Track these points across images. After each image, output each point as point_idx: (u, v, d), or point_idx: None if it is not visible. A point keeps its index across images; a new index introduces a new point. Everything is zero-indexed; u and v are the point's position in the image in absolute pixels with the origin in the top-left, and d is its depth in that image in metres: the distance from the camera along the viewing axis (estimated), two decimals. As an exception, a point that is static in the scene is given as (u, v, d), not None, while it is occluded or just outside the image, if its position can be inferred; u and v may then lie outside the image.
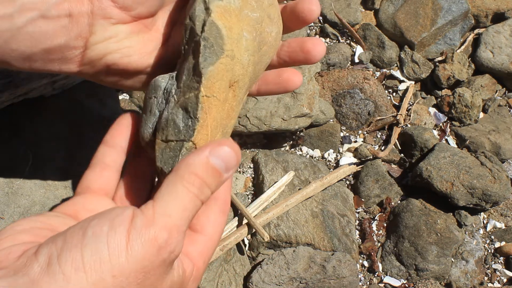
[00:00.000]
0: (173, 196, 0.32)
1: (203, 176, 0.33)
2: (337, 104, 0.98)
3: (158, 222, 0.30)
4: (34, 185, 0.66)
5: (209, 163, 0.34)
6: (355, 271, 0.80)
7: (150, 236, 0.30)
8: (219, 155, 0.34)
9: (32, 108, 0.68)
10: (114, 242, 0.29)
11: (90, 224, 0.30)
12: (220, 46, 0.36)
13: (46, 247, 0.29)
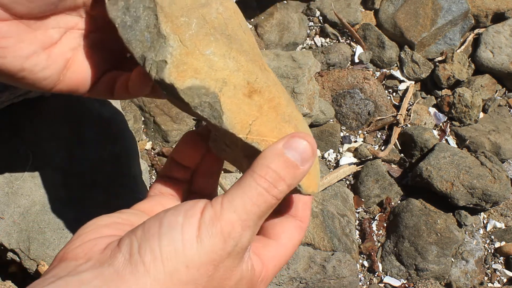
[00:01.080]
0: (241, 191, 0.32)
1: (277, 169, 0.32)
2: (337, 104, 0.98)
3: (224, 216, 0.31)
4: (34, 185, 0.66)
5: (283, 155, 0.33)
6: (355, 271, 0.80)
7: (216, 229, 0.30)
8: (293, 146, 0.33)
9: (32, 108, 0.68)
10: (187, 233, 0.30)
11: (166, 215, 0.31)
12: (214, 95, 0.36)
13: (128, 238, 0.31)
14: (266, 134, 0.36)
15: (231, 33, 0.39)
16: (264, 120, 0.36)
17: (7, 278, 0.71)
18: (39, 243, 0.64)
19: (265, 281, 0.36)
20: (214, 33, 0.38)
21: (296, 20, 1.05)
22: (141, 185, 0.71)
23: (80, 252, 0.31)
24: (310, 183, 0.37)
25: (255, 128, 0.36)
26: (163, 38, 0.38)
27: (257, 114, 0.36)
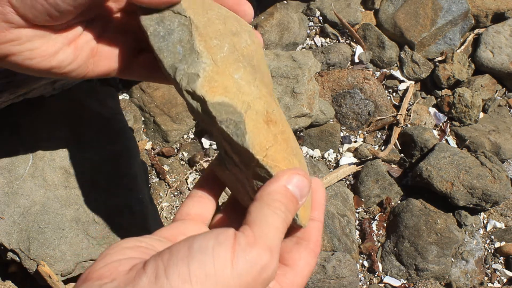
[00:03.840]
0: (265, 220, 0.34)
1: (285, 201, 0.35)
2: (337, 104, 0.98)
3: (260, 242, 0.32)
4: (34, 185, 0.66)
5: (288, 190, 0.36)
6: (355, 271, 0.80)
7: (254, 254, 0.31)
8: (294, 183, 0.36)
9: (32, 108, 0.68)
10: (219, 256, 0.30)
11: (195, 239, 0.31)
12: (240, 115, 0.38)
13: (154, 261, 0.31)
14: (279, 161, 0.38)
15: (255, 64, 0.42)
16: (278, 149, 0.39)
17: (7, 278, 0.71)
18: (39, 243, 0.64)
19: None
20: (242, 60, 0.41)
21: (296, 20, 1.05)
22: (141, 185, 0.71)
23: (105, 272, 0.31)
24: (305, 215, 0.39)
25: (271, 153, 0.38)
26: (196, 54, 0.40)
27: (272, 141, 0.39)
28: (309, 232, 0.40)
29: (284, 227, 0.34)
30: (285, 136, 0.40)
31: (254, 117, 0.39)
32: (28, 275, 0.68)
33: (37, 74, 0.44)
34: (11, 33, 0.39)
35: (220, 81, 0.39)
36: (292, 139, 0.41)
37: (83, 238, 0.66)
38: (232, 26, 0.43)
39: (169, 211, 0.86)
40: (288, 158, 0.39)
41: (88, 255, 0.66)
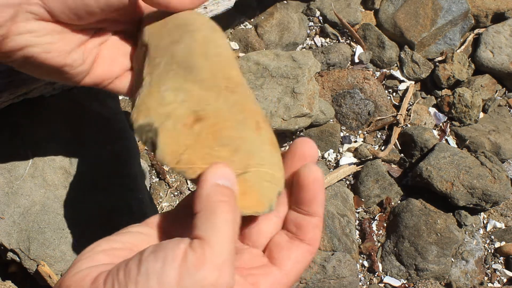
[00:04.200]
0: (215, 231, 0.32)
1: (226, 199, 0.34)
2: (337, 104, 0.98)
3: (208, 261, 0.31)
4: (34, 185, 0.66)
5: (220, 185, 0.34)
6: (355, 271, 0.80)
7: (201, 276, 0.30)
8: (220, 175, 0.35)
9: (32, 108, 0.68)
10: (165, 280, 0.30)
11: (146, 260, 0.31)
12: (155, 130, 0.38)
13: (111, 278, 0.31)
14: (195, 161, 0.37)
15: (190, 64, 0.40)
16: (197, 148, 0.37)
17: (7, 278, 0.71)
18: (39, 243, 0.64)
19: None
20: (175, 68, 0.40)
21: (296, 20, 1.05)
22: (141, 185, 0.71)
23: (73, 283, 0.31)
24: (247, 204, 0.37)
25: (185, 157, 0.37)
26: (142, 80, 0.41)
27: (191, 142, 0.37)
28: (305, 228, 0.38)
29: (235, 230, 0.33)
30: (216, 128, 0.38)
31: (171, 126, 0.38)
32: (28, 275, 0.68)
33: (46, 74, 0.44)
34: (32, 24, 0.39)
35: (146, 102, 0.39)
36: (230, 127, 0.38)
37: (83, 238, 0.66)
38: (176, 34, 0.42)
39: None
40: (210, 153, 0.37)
41: (88, 255, 0.66)
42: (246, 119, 0.39)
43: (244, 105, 0.40)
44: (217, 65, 0.42)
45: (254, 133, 0.39)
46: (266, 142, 0.39)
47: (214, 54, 0.42)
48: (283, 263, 0.37)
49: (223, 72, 0.41)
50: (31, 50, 0.40)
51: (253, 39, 1.02)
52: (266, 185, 0.38)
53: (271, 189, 0.38)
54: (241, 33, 1.03)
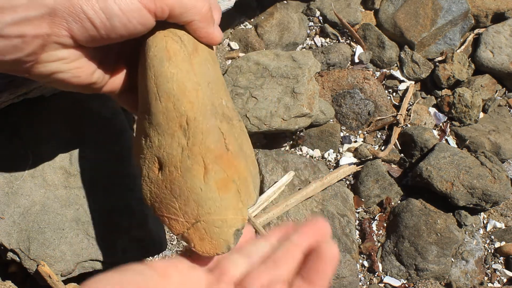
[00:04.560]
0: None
1: None
2: (337, 104, 0.98)
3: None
4: (34, 185, 0.66)
5: None
6: (355, 271, 0.80)
7: None
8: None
9: (32, 108, 0.68)
10: None
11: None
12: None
13: None
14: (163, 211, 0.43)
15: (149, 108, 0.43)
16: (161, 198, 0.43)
17: (7, 278, 0.71)
18: (39, 243, 0.64)
19: None
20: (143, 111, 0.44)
21: (296, 20, 1.05)
22: (141, 185, 0.71)
23: None
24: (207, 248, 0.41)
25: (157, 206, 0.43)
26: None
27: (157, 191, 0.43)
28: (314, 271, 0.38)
29: None
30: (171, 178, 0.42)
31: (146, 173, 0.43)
32: (28, 275, 0.68)
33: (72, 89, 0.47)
34: (61, 52, 0.42)
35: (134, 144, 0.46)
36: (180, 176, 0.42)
37: (83, 238, 0.66)
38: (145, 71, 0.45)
39: (169, 211, 0.86)
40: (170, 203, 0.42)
41: (88, 255, 0.66)
42: (193, 165, 0.41)
43: (194, 145, 0.42)
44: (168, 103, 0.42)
45: (200, 181, 0.42)
46: (212, 188, 0.42)
47: (163, 92, 0.42)
48: None
49: (175, 110, 0.42)
50: (61, 75, 0.43)
51: (253, 39, 1.02)
52: (216, 230, 0.41)
53: (223, 233, 0.41)
54: (241, 33, 1.03)
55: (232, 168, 0.42)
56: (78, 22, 0.40)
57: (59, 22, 0.40)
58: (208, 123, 0.42)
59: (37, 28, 0.39)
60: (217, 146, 0.42)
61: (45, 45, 0.40)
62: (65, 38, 0.41)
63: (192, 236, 0.41)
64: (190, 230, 0.41)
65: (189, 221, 0.41)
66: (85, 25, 0.40)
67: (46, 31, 0.39)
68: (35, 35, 0.39)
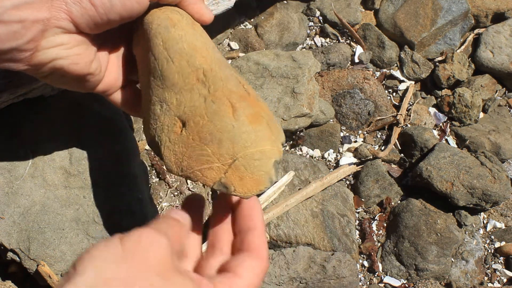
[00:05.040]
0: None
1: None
2: (337, 104, 0.98)
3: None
4: (34, 185, 0.66)
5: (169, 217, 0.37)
6: (355, 271, 0.80)
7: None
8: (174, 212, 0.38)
9: (32, 108, 0.68)
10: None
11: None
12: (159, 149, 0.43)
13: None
14: (193, 165, 0.40)
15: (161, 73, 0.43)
16: (190, 153, 0.40)
17: (7, 278, 0.71)
18: (39, 243, 0.64)
19: None
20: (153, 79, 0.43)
21: (296, 20, 1.05)
22: (141, 185, 0.71)
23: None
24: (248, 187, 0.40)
25: (185, 164, 0.41)
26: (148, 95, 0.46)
27: (184, 149, 0.41)
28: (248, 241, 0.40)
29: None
30: (198, 127, 0.41)
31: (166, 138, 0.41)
32: (28, 275, 0.68)
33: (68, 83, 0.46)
34: (62, 37, 0.41)
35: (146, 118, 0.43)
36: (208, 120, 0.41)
37: (83, 238, 0.66)
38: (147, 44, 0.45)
39: (169, 211, 0.86)
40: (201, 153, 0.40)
41: (88, 255, 0.66)
42: (220, 107, 0.41)
43: (216, 90, 0.41)
44: (182, 62, 0.43)
45: (230, 119, 0.41)
46: (244, 122, 0.41)
47: (175, 52, 0.43)
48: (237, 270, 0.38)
49: (190, 65, 0.43)
50: (61, 62, 0.43)
51: (253, 39, 1.02)
52: (256, 163, 0.40)
53: (264, 165, 0.40)
54: (241, 33, 1.03)
55: (257, 106, 0.42)
56: (77, 3, 0.40)
57: (59, 5, 0.39)
58: (225, 72, 0.43)
59: (37, 12, 0.38)
60: (238, 89, 0.42)
61: (45, 30, 0.40)
62: (65, 21, 0.40)
63: (231, 178, 0.39)
64: (228, 172, 0.39)
65: (226, 162, 0.39)
66: (84, 5, 0.40)
67: (46, 15, 0.39)
68: (35, 20, 0.39)
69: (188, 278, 0.33)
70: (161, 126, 0.41)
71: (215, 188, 0.39)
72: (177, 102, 0.41)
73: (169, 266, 0.32)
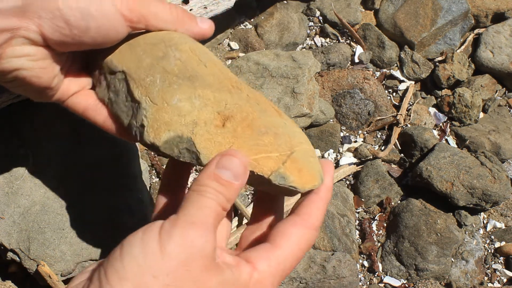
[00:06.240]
0: (189, 202, 0.34)
1: (213, 186, 0.35)
2: (337, 104, 0.98)
3: (182, 221, 0.33)
4: (34, 185, 0.66)
5: (216, 175, 0.35)
6: (355, 271, 0.80)
7: (177, 233, 0.32)
8: (225, 166, 0.36)
9: (32, 108, 0.68)
10: (147, 245, 0.31)
11: (126, 238, 0.33)
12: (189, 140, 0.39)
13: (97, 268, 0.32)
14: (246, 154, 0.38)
15: (191, 74, 0.41)
16: (240, 142, 0.38)
17: (7, 278, 0.71)
18: (39, 243, 0.64)
19: (262, 283, 0.35)
20: (176, 80, 0.41)
21: (296, 20, 1.05)
22: (141, 185, 0.71)
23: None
24: (305, 180, 0.38)
25: None
26: (137, 103, 0.41)
27: (232, 140, 0.38)
28: (302, 204, 0.39)
29: (217, 207, 0.34)
30: (248, 121, 0.39)
31: (203, 130, 0.39)
32: (28, 275, 0.68)
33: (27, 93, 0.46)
34: (28, 48, 0.41)
35: (161, 118, 0.40)
36: (258, 117, 0.40)
37: (83, 238, 0.66)
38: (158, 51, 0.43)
39: (169, 211, 0.86)
40: (257, 142, 0.38)
41: (88, 255, 0.66)
42: (266, 108, 0.41)
43: (255, 97, 0.41)
44: (215, 69, 0.43)
45: (279, 118, 0.41)
46: (292, 124, 0.41)
47: (208, 60, 0.43)
48: (278, 240, 0.37)
49: (223, 74, 0.42)
50: (24, 73, 0.42)
51: (253, 39, 1.02)
52: (312, 160, 0.39)
53: (316, 163, 0.40)
54: (241, 33, 1.03)
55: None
56: (50, 19, 0.39)
57: (31, 17, 0.39)
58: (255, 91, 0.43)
59: (6, 20, 0.38)
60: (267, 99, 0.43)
61: (12, 38, 0.39)
62: (34, 33, 0.40)
63: (290, 169, 0.38)
64: (287, 162, 0.38)
65: (285, 153, 0.38)
66: (57, 22, 0.39)
67: (15, 24, 0.38)
68: (3, 28, 0.38)
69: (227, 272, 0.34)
70: (194, 120, 0.39)
71: (272, 178, 0.38)
72: (215, 99, 0.40)
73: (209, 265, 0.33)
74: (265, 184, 0.39)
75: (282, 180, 0.38)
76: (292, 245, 0.37)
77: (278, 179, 0.38)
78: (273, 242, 0.37)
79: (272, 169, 0.38)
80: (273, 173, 0.38)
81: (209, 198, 0.34)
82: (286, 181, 0.37)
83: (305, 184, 0.38)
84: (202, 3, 0.78)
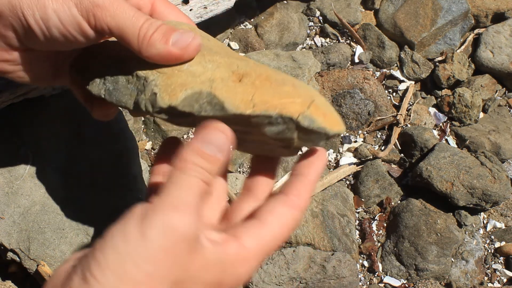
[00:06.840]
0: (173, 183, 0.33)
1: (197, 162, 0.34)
2: (337, 104, 0.98)
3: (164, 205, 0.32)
4: (34, 185, 0.66)
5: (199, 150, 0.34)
6: (355, 271, 0.80)
7: (158, 218, 0.31)
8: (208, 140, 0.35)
9: (32, 108, 0.68)
10: (128, 234, 0.31)
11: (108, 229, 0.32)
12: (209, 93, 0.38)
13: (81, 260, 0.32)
14: (269, 100, 0.37)
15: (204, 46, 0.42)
16: (262, 91, 0.38)
17: (7, 278, 0.71)
18: (39, 243, 0.64)
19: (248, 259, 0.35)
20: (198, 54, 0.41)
21: (296, 20, 1.05)
22: (141, 185, 0.71)
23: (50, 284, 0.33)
24: (332, 123, 0.38)
25: (258, 99, 0.37)
26: (143, 79, 0.40)
27: (253, 90, 0.38)
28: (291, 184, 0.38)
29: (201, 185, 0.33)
30: (264, 76, 0.39)
31: (222, 85, 0.38)
32: (28, 275, 0.68)
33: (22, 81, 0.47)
34: (9, 53, 0.41)
35: (174, 82, 0.39)
36: (275, 73, 0.40)
37: (83, 238, 0.66)
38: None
39: (169, 211, 0.86)
40: (277, 91, 0.38)
41: (88, 255, 0.66)
42: (277, 71, 0.41)
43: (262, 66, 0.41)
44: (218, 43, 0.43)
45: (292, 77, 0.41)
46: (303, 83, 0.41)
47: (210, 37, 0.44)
48: (268, 218, 0.37)
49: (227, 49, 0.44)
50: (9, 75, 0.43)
51: (253, 39, 1.02)
52: (332, 110, 0.40)
53: (336, 113, 0.40)
54: (241, 33, 1.03)
55: None
56: (21, 29, 0.39)
57: (5, 23, 0.39)
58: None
59: None
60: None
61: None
62: (12, 39, 0.40)
63: (316, 112, 0.37)
64: (311, 107, 0.37)
65: (307, 100, 0.38)
66: (27, 32, 0.39)
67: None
68: None
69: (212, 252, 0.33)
70: (211, 78, 0.39)
71: (300, 120, 0.37)
72: (226, 62, 0.40)
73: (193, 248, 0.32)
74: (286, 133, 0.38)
75: (311, 122, 0.37)
76: (280, 224, 0.37)
77: (307, 121, 0.37)
78: (263, 220, 0.37)
79: (298, 112, 0.37)
80: (301, 115, 0.37)
81: (193, 176, 0.33)
82: (314, 123, 0.37)
83: (333, 127, 0.38)
84: (202, 3, 0.78)
